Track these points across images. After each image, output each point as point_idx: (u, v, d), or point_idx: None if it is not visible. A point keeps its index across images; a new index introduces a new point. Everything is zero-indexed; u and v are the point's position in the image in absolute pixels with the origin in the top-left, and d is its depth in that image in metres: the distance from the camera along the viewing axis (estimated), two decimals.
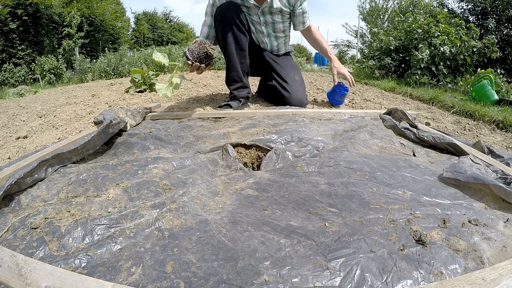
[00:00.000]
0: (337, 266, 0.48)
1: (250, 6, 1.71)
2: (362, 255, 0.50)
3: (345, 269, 0.47)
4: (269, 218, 0.62)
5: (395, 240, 0.54)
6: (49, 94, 3.35)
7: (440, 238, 0.55)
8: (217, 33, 1.72)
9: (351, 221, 0.59)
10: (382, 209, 0.63)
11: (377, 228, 0.57)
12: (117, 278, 0.49)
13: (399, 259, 0.50)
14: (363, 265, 0.48)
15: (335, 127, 1.25)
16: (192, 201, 0.71)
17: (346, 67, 2.34)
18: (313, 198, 0.69)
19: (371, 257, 0.49)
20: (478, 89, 2.53)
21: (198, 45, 1.38)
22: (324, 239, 0.53)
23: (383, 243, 0.53)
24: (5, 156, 1.28)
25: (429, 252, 0.52)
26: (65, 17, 11.13)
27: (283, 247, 0.52)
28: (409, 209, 0.64)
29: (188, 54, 1.36)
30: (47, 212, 0.65)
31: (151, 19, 18.10)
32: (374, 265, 0.48)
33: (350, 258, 0.49)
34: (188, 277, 0.48)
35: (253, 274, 0.47)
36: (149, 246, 0.56)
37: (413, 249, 0.52)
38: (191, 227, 0.61)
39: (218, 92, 2.64)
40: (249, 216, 0.64)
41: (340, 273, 0.47)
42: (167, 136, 1.14)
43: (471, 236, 0.57)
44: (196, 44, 1.40)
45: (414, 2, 10.18)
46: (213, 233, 0.58)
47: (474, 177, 0.75)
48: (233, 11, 1.66)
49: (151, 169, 0.87)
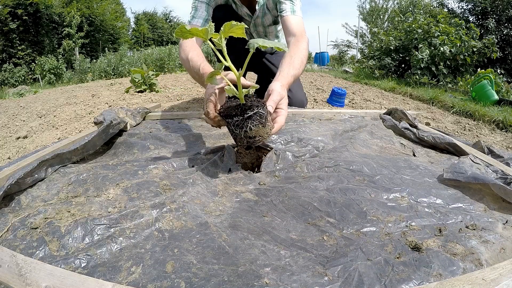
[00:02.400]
0: (335, 273, 0.49)
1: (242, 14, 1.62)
2: (360, 262, 0.51)
3: (344, 275, 0.48)
4: (269, 226, 0.63)
5: (391, 250, 0.55)
6: (49, 94, 3.35)
7: (437, 245, 0.56)
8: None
9: (349, 234, 0.60)
10: (379, 221, 0.64)
11: (373, 240, 0.58)
12: (117, 277, 0.49)
13: (396, 264, 0.51)
14: (361, 271, 0.49)
15: (335, 127, 1.25)
16: (192, 201, 0.71)
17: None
18: (312, 206, 0.69)
19: (368, 265, 0.50)
20: (478, 89, 2.53)
21: (262, 123, 0.80)
22: (322, 252, 0.55)
23: (379, 252, 0.54)
24: (5, 156, 1.29)
25: (426, 257, 0.52)
26: (65, 17, 11.14)
27: (283, 258, 0.53)
28: (405, 221, 0.64)
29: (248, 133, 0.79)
30: (47, 212, 0.65)
31: (151, 19, 18.11)
32: (371, 270, 0.49)
33: (348, 265, 0.50)
34: (189, 277, 0.48)
35: (254, 277, 0.48)
36: (149, 247, 0.56)
37: (410, 255, 0.53)
38: (191, 229, 0.61)
39: None
40: (249, 222, 0.64)
41: (338, 278, 0.48)
42: (167, 136, 1.14)
43: (468, 240, 0.57)
44: (262, 115, 0.79)
45: (414, 2, 10.19)
46: (213, 237, 0.58)
47: (474, 177, 0.75)
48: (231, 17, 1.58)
49: (151, 169, 0.87)
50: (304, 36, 1.25)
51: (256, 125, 0.78)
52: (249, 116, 0.78)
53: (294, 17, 1.34)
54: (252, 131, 0.79)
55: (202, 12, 1.40)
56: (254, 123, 0.78)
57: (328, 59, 10.24)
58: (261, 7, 1.51)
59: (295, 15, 1.35)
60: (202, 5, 1.42)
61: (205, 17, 1.40)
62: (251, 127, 0.78)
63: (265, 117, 0.79)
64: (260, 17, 1.57)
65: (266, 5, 1.52)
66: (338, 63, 9.71)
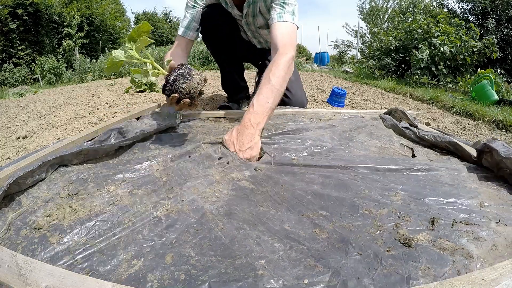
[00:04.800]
0: (326, 265, 0.51)
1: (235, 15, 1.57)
2: (350, 255, 0.53)
3: (334, 268, 0.50)
4: (264, 217, 0.64)
5: (381, 244, 0.56)
6: (49, 94, 3.35)
7: (427, 240, 0.57)
8: (205, 39, 1.65)
9: (340, 227, 0.61)
10: (370, 216, 0.65)
11: (364, 235, 0.59)
12: (118, 269, 0.50)
13: (385, 257, 0.52)
14: (350, 265, 0.51)
15: (334, 127, 1.25)
16: (190, 190, 0.74)
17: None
18: (306, 199, 0.71)
19: (358, 259, 0.52)
20: (478, 89, 2.53)
21: (188, 78, 0.96)
22: (314, 245, 0.56)
23: (370, 245, 0.55)
24: (5, 156, 1.28)
25: (414, 251, 0.54)
26: (65, 17, 11.13)
27: (277, 250, 0.55)
28: (397, 213, 0.65)
29: (180, 90, 0.96)
30: (48, 209, 0.65)
31: (151, 19, 18.09)
32: (361, 264, 0.51)
33: (338, 259, 0.52)
34: (188, 270, 0.50)
35: (249, 269, 0.50)
36: (149, 239, 0.57)
37: (399, 250, 0.54)
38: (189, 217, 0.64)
39: (218, 92, 2.65)
40: (244, 211, 0.66)
41: (329, 270, 0.50)
42: (167, 136, 1.14)
43: (459, 236, 0.58)
44: (184, 73, 0.97)
45: (414, 2, 10.19)
46: (210, 226, 0.61)
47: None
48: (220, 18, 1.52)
49: (151, 165, 0.88)
50: (287, 51, 1.11)
51: (183, 82, 0.95)
52: (173, 79, 0.97)
53: (280, 26, 1.20)
54: (184, 88, 0.96)
55: (186, 20, 1.47)
56: (181, 81, 0.95)
57: (328, 59, 10.24)
58: (249, 6, 1.44)
59: (282, 22, 1.21)
60: (188, 11, 1.47)
61: (186, 25, 1.46)
62: (182, 86, 0.96)
63: (187, 73, 0.96)
64: (250, 16, 1.51)
65: (258, 8, 1.45)
66: (338, 63, 9.70)
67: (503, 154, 0.81)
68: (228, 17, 1.56)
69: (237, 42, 1.71)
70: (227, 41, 1.62)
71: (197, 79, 0.97)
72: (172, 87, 0.97)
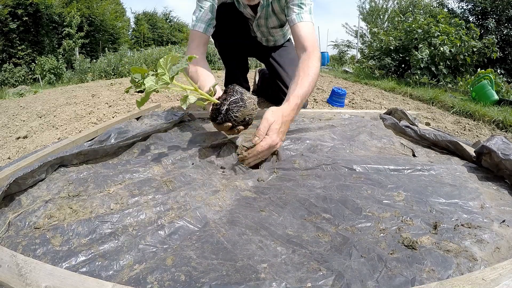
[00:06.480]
0: (329, 268, 0.50)
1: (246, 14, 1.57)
2: (353, 258, 0.52)
3: (338, 271, 0.49)
4: (267, 222, 0.63)
5: (385, 247, 0.56)
6: (49, 94, 3.35)
7: (431, 242, 0.56)
8: (216, 38, 1.65)
9: (343, 230, 0.61)
10: (374, 218, 0.64)
11: (367, 237, 0.58)
12: (120, 273, 0.50)
13: (389, 260, 0.51)
14: (354, 267, 0.50)
15: (334, 127, 1.25)
16: (193, 197, 0.72)
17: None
18: (309, 202, 0.70)
19: (361, 262, 0.51)
20: (478, 89, 2.53)
21: (241, 105, 0.90)
22: (317, 249, 0.56)
23: (374, 248, 0.54)
24: (5, 156, 1.28)
25: (418, 254, 0.53)
26: (65, 17, 11.13)
27: (279, 254, 0.54)
28: (401, 215, 0.64)
29: (234, 118, 0.90)
30: (48, 209, 0.65)
31: (151, 19, 18.10)
32: (365, 267, 0.50)
33: (341, 262, 0.51)
34: (189, 271, 0.49)
35: (251, 272, 0.49)
36: (150, 243, 0.57)
37: (403, 253, 0.54)
38: (191, 224, 0.62)
39: None
40: (247, 217, 0.65)
41: (332, 273, 0.49)
42: (167, 136, 1.14)
43: (462, 238, 0.57)
44: (237, 100, 0.90)
45: (414, 2, 10.19)
46: (212, 232, 0.59)
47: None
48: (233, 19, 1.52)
49: (151, 167, 0.87)
50: (315, 50, 1.20)
51: (238, 110, 0.89)
52: (226, 109, 0.89)
53: (302, 26, 1.25)
54: (238, 117, 0.89)
55: (205, 13, 1.30)
56: (235, 110, 0.89)
57: (328, 59, 10.23)
58: (263, 9, 1.45)
59: (303, 22, 1.26)
60: (206, 4, 1.31)
61: (208, 21, 1.31)
62: (236, 115, 0.89)
63: (239, 99, 0.89)
64: (263, 18, 1.52)
65: (272, 8, 1.45)
66: (338, 63, 9.70)
67: (502, 156, 0.81)
68: (240, 17, 1.56)
69: (246, 42, 1.72)
70: (238, 44, 1.64)
71: (251, 104, 0.92)
72: (225, 117, 0.89)
